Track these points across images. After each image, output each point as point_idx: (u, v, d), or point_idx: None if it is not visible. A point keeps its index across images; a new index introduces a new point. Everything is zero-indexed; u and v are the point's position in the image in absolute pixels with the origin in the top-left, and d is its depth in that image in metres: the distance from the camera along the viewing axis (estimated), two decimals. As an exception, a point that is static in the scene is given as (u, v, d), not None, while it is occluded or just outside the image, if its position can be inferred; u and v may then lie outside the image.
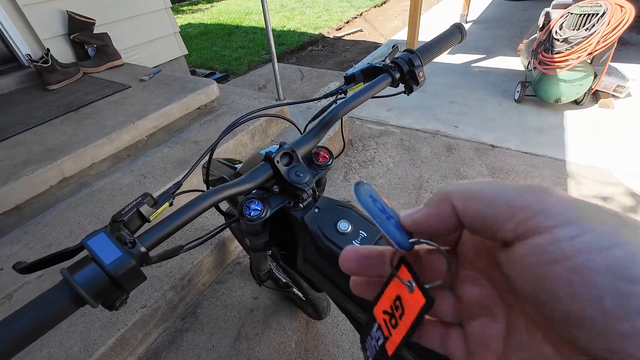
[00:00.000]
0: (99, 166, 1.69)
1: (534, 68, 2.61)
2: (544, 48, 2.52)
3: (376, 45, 4.76)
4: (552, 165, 2.13)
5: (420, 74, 0.62)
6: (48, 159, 1.51)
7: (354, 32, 5.43)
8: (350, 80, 0.67)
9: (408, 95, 0.66)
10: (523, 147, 2.30)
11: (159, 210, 0.47)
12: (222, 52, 4.87)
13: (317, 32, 5.47)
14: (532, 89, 2.72)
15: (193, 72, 4.07)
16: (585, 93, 2.56)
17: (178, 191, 0.54)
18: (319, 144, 0.62)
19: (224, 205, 1.14)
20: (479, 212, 0.19)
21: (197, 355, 1.34)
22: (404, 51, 0.65)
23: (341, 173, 2.24)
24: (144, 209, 0.45)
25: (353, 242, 0.54)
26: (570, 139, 2.35)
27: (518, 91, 2.83)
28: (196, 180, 1.70)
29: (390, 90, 0.67)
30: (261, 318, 1.45)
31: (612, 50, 2.35)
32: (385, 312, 0.24)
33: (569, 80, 2.41)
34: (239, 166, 0.97)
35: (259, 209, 0.53)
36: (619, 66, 2.83)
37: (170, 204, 0.49)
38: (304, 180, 0.53)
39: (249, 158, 0.74)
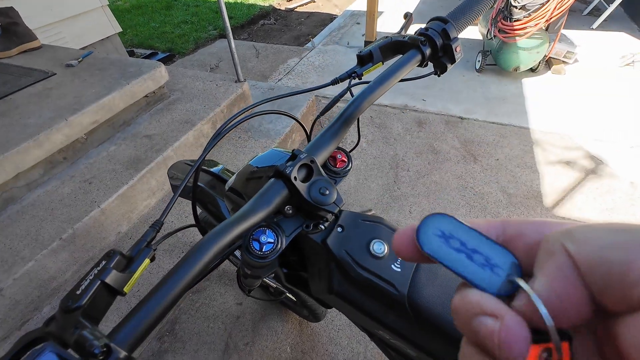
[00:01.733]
0: (27, 175, 1.39)
1: (494, 36, 2.62)
2: (503, 16, 2.53)
3: (332, 17, 4.54)
4: (518, 133, 2.19)
5: (458, 49, 0.50)
6: (-45, 172, 1.19)
7: (306, 4, 5.13)
8: (366, 60, 0.53)
9: (439, 76, 0.54)
10: (490, 117, 2.33)
11: (137, 274, 0.32)
12: (162, 29, 4.34)
13: (267, 4, 5.08)
14: (493, 58, 2.75)
15: (131, 53, 3.58)
16: (540, 60, 2.64)
17: (157, 237, 0.38)
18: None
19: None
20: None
21: (182, 379, 1.20)
22: (433, 20, 0.52)
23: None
24: (113, 279, 0.29)
25: (392, 266, 0.43)
26: (531, 106, 2.43)
27: (479, 61, 2.85)
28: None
29: (416, 72, 0.55)
30: (249, 325, 1.33)
31: (565, 17, 2.42)
32: None
33: (528, 48, 2.46)
34: (217, 169, 0.80)
35: (272, 240, 0.40)
36: (566, 33, 2.96)
37: (152, 259, 0.34)
38: (332, 199, 0.40)
39: (245, 168, 0.58)
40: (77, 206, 1.34)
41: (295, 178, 0.39)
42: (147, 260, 0.33)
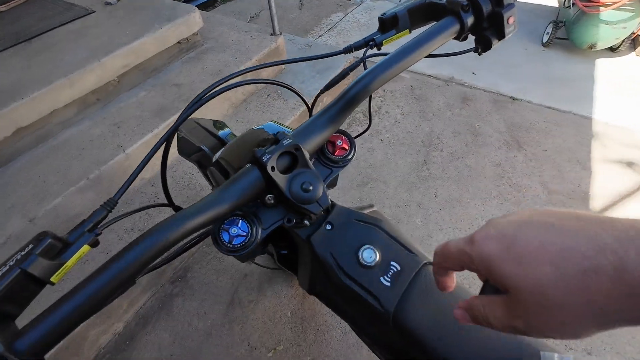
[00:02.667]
0: (62, 113, 1.44)
1: (573, 4, 2.23)
2: (590, -21, 2.12)
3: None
4: (577, 123, 1.92)
5: (511, 20, 0.39)
6: (-4, 104, 1.26)
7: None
8: (389, 25, 0.43)
9: (480, 54, 0.43)
10: (546, 101, 2.06)
11: (70, 262, 0.29)
12: (207, -30, 4.16)
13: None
14: (566, 31, 2.37)
15: (173, -6, 3.49)
16: (624, 39, 2.24)
17: (108, 219, 0.35)
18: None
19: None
20: None
21: (188, 322, 1.28)
22: None
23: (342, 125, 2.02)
24: (37, 267, 0.26)
25: (381, 279, 0.38)
26: (600, 93, 2.10)
27: (548, 33, 2.47)
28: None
29: (449, 46, 0.44)
30: (256, 284, 1.37)
31: (671, -14, 1.98)
32: None
33: (612, 22, 2.08)
34: (224, 133, 0.76)
35: (244, 233, 0.36)
36: (668, 6, 2.45)
37: (94, 245, 0.31)
38: (316, 197, 0.35)
39: (238, 138, 0.53)
40: (105, 148, 1.39)
41: (273, 168, 0.33)
42: (85, 247, 0.30)
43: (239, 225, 0.35)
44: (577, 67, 2.31)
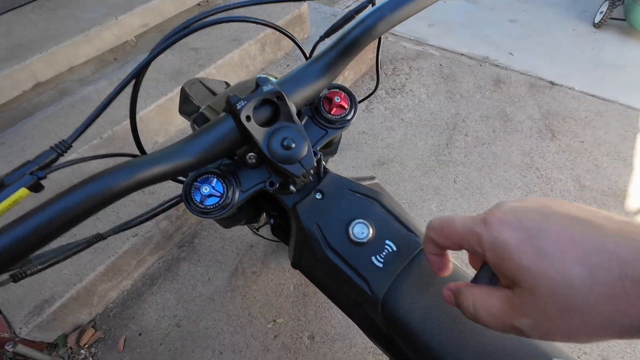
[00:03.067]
0: (80, 70, 1.44)
1: (636, -21, 1.98)
2: (661, -51, 1.86)
3: None
4: (623, 114, 1.74)
5: None
6: (16, 57, 1.26)
7: None
8: None
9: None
10: (591, 88, 1.87)
11: (4, 205, 0.25)
12: None
13: None
14: (623, 11, 2.12)
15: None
16: (693, 21, 1.97)
17: (58, 162, 0.31)
18: (334, 82, 0.35)
19: None
20: None
21: (192, 286, 1.30)
22: None
23: (363, 102, 1.93)
24: None
25: (373, 259, 0.33)
26: (655, 82, 1.89)
27: (602, 12, 2.22)
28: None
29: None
30: (260, 256, 1.37)
31: None
32: None
33: (681, 1, 1.83)
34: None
35: (219, 193, 0.31)
36: None
37: (36, 189, 0.28)
38: (298, 156, 0.30)
39: (235, 85, 0.48)
40: (119, 109, 1.37)
41: (249, 118, 0.28)
42: (22, 191, 0.27)
43: (213, 184, 0.31)
44: (633, 52, 2.07)
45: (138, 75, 0.38)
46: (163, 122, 1.46)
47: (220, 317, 1.22)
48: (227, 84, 0.77)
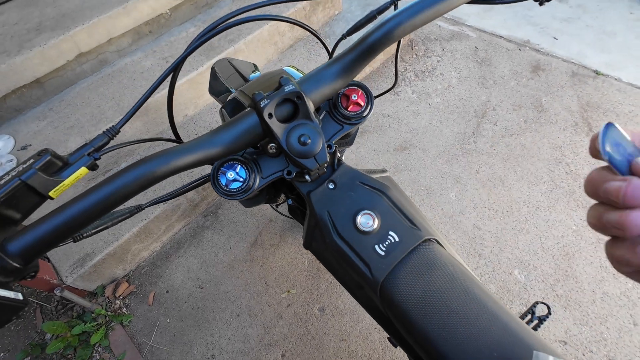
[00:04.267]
0: (118, 42, 1.50)
1: None
2: None
3: None
4: (673, 111, 1.61)
5: None
6: (61, 27, 1.33)
7: None
8: None
9: (542, 4, 0.36)
10: (640, 80, 1.73)
11: (68, 181, 0.30)
12: None
13: None
14: (692, -7, 1.90)
15: None
16: None
17: (109, 145, 0.36)
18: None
19: None
20: None
21: (214, 253, 1.40)
22: None
23: (390, 84, 1.89)
24: (37, 180, 0.28)
25: (376, 247, 0.36)
26: None
27: (667, -7, 2.00)
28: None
29: None
30: (279, 230, 1.44)
31: None
32: None
33: None
34: (254, 76, 0.74)
35: (242, 178, 0.35)
36: None
37: (92, 168, 0.32)
38: (313, 152, 0.33)
39: (261, 77, 0.51)
40: (153, 80, 1.44)
41: (270, 115, 0.31)
42: (83, 169, 0.31)
43: (237, 170, 0.35)
44: (695, 41, 1.88)
45: (175, 69, 0.42)
46: (193, 96, 1.51)
47: (239, 284, 1.32)
48: (255, 66, 0.80)
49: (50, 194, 0.30)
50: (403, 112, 1.74)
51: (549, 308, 0.70)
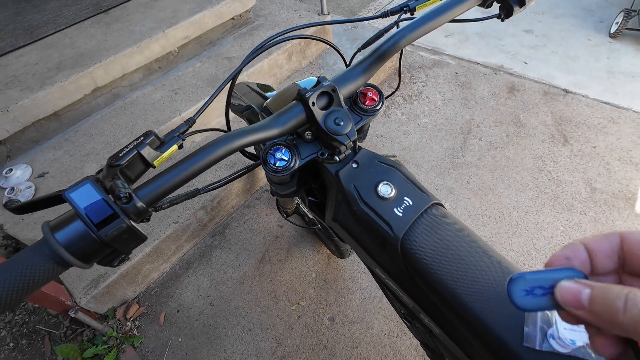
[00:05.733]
0: (130, 77, 1.63)
1: (651, -9, 2.03)
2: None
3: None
4: (637, 121, 1.79)
5: None
6: (80, 65, 1.46)
7: None
8: None
9: (503, 21, 0.48)
10: (605, 96, 1.93)
11: (166, 154, 0.39)
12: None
13: None
14: (639, 21, 2.17)
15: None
16: None
17: (190, 130, 0.45)
18: (368, 82, 0.48)
19: None
20: None
21: (224, 271, 1.43)
22: None
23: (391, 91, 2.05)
24: (147, 152, 0.37)
25: (395, 210, 0.45)
26: (670, 90, 1.92)
27: (617, 22, 2.28)
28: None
29: (474, 12, 0.49)
30: (285, 246, 1.49)
31: None
32: None
33: (695, 12, 1.87)
34: (271, 95, 0.85)
35: (286, 158, 0.44)
36: None
37: (180, 146, 0.41)
38: (345, 131, 0.42)
39: (282, 90, 0.62)
40: (164, 111, 1.55)
41: (313, 103, 0.41)
42: (175, 146, 0.40)
43: (283, 152, 0.44)
44: (647, 61, 2.12)
45: (233, 79, 0.52)
46: (201, 123, 1.62)
47: (249, 299, 1.35)
48: (266, 86, 0.91)
49: (154, 162, 0.38)
50: (395, 132, 1.88)
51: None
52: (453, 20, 0.46)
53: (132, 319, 1.32)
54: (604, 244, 0.23)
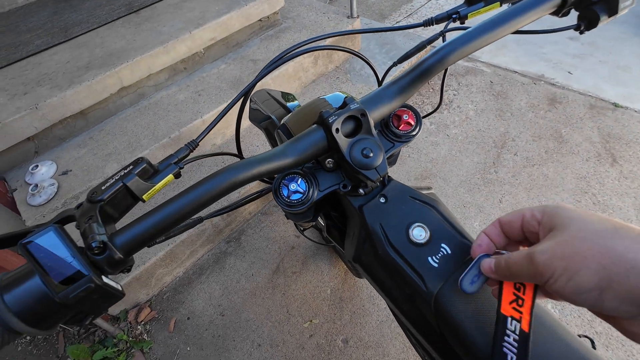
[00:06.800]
0: (156, 77, 1.62)
1: None
2: None
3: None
4: (699, 142, 1.60)
5: None
6: (108, 64, 1.47)
7: None
8: None
9: (582, 33, 0.39)
10: (661, 113, 1.74)
11: (158, 186, 0.34)
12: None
13: None
14: None
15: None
16: None
17: (190, 156, 0.39)
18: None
19: None
20: None
21: (237, 280, 1.39)
22: None
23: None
24: (135, 184, 0.31)
25: (429, 259, 0.37)
26: None
27: (678, 31, 2.06)
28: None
29: (544, 22, 0.40)
30: (301, 257, 1.43)
31: None
32: (511, 302, 0.31)
33: None
34: (292, 106, 0.79)
35: (302, 190, 0.38)
36: None
37: (177, 175, 0.36)
38: (374, 164, 0.35)
39: (305, 106, 0.55)
40: (186, 112, 1.54)
41: (337, 130, 0.35)
42: (170, 176, 0.35)
43: (298, 182, 0.38)
44: None
45: (246, 93, 0.47)
46: (222, 127, 1.60)
47: (260, 312, 1.30)
48: (288, 94, 0.85)
49: (143, 197, 0.33)
50: (422, 143, 1.78)
51: (592, 342, 0.66)
52: (517, 32, 0.37)
53: (143, 322, 1.31)
54: (493, 229, 0.34)
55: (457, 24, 0.41)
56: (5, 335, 0.24)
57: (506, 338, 0.29)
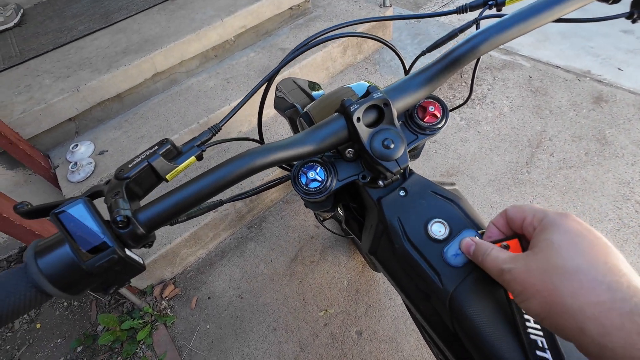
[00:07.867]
0: (188, 64, 1.67)
1: None
2: None
3: None
4: None
5: None
6: (143, 50, 1.52)
7: None
8: None
9: (634, 22, 0.35)
10: None
11: (181, 167, 0.35)
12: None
13: None
14: None
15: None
16: None
17: (212, 140, 0.40)
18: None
19: None
20: None
21: (256, 265, 1.43)
22: None
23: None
24: (159, 164, 0.32)
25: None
26: None
27: None
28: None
29: (592, 9, 0.36)
30: (319, 247, 1.45)
31: None
32: None
33: None
34: (317, 95, 0.79)
35: (320, 179, 0.38)
36: None
37: (199, 158, 0.37)
38: (395, 155, 0.34)
39: (329, 94, 0.55)
40: (215, 99, 1.57)
41: (359, 119, 0.34)
42: (193, 158, 0.35)
43: (317, 171, 0.38)
44: None
45: (270, 79, 0.47)
46: (249, 114, 1.62)
47: (277, 297, 1.33)
48: (314, 84, 0.85)
49: (167, 177, 0.34)
50: (450, 139, 1.72)
51: None
52: (559, 20, 0.35)
53: (167, 298, 1.37)
54: (500, 219, 0.35)
55: (494, 11, 0.39)
56: (39, 296, 0.26)
57: (528, 324, 0.30)
